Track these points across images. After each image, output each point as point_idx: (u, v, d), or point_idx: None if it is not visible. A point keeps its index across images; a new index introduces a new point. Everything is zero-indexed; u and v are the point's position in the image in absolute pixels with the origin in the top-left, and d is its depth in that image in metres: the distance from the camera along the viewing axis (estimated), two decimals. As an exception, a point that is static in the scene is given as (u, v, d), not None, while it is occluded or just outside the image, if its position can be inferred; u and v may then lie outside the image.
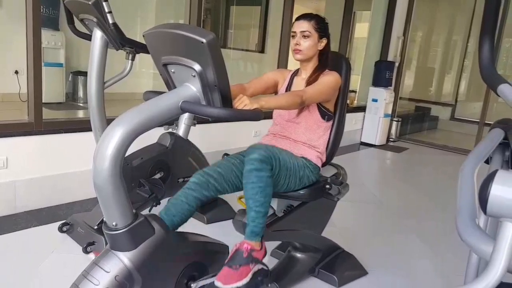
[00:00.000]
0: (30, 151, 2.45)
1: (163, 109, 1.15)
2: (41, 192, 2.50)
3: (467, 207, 0.82)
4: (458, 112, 7.55)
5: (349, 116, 5.37)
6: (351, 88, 7.04)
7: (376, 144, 5.44)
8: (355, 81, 6.02)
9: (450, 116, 7.63)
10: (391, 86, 5.45)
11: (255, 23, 6.36)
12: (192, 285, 1.31)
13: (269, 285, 1.43)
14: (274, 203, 1.70)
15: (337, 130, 1.80)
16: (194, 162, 2.45)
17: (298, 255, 1.97)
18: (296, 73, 1.80)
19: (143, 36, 1.23)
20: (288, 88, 1.77)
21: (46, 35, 4.05)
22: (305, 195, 1.65)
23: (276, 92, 1.82)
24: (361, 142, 5.54)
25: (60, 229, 2.16)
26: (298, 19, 1.67)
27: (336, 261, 2.00)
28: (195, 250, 1.37)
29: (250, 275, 1.32)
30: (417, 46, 7.22)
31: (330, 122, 1.75)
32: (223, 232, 2.03)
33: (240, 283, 1.29)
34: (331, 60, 1.74)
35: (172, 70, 1.22)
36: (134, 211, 1.17)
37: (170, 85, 1.27)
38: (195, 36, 1.06)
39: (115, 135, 1.06)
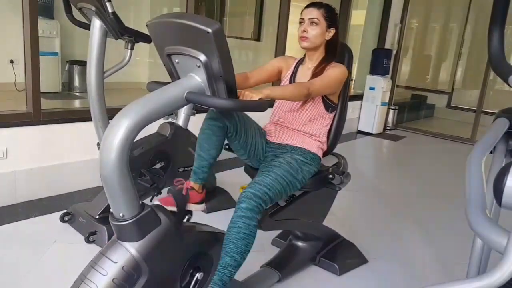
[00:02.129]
0: (30, 141, 2.43)
1: (169, 100, 1.14)
2: (41, 182, 2.49)
3: (477, 197, 0.81)
4: (454, 100, 7.58)
5: (346, 104, 5.37)
6: (349, 77, 6.81)
7: (373, 132, 5.46)
8: (354, 69, 6.01)
9: (446, 104, 7.67)
10: (388, 74, 5.45)
11: (250, 10, 6.29)
12: (197, 274, 1.33)
13: None
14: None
15: (339, 120, 1.80)
16: (194, 152, 2.45)
17: (299, 243, 2.00)
18: (301, 61, 1.77)
19: (146, 25, 1.21)
20: (292, 77, 1.75)
21: (41, 24, 3.95)
22: (307, 185, 1.65)
23: (279, 80, 1.81)
24: (358, 130, 5.56)
25: (62, 219, 2.17)
26: (307, 6, 1.65)
27: (337, 249, 2.02)
28: (201, 240, 1.38)
29: None
30: (414, 33, 7.19)
31: (333, 114, 1.74)
32: (223, 221, 2.04)
33: None
34: (339, 51, 1.72)
35: (177, 61, 1.21)
36: (140, 202, 1.17)
37: (174, 75, 1.26)
38: (200, 25, 1.05)
39: (121, 126, 1.05)
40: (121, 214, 1.13)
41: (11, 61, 4.02)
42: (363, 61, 5.66)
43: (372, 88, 5.40)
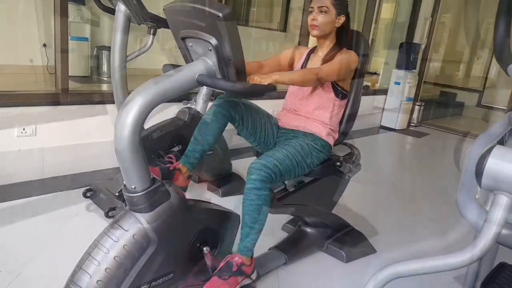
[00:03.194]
0: (57, 120, 2.57)
1: (180, 81, 1.20)
2: (67, 160, 2.64)
3: (469, 183, 0.84)
4: (485, 99, 7.31)
5: (370, 99, 5.31)
6: (374, 70, 6.76)
7: (396, 128, 5.37)
8: (380, 63, 5.90)
9: (477, 102, 7.40)
10: (415, 69, 5.32)
11: (278, 1, 6.28)
12: (204, 248, 1.40)
13: None
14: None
15: (352, 109, 1.81)
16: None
17: (308, 229, 2.03)
18: (313, 50, 1.80)
19: (163, 10, 1.28)
20: (303, 65, 1.78)
21: (72, 9, 4.13)
22: (315, 172, 1.69)
23: (292, 69, 1.84)
24: (381, 125, 5.48)
25: (84, 195, 2.30)
26: None
27: (346, 237, 2.04)
28: (208, 216, 1.44)
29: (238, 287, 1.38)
30: (446, 28, 6.96)
31: (344, 101, 1.76)
32: (236, 205, 2.12)
33: None
34: (349, 38, 1.73)
35: (190, 44, 1.27)
36: (152, 176, 1.25)
37: (188, 58, 1.32)
38: (212, 10, 1.10)
39: (135, 104, 1.12)
40: (133, 186, 1.21)
41: (44, 45, 4.20)
42: (391, 55, 5.53)
43: (397, 83, 5.29)
